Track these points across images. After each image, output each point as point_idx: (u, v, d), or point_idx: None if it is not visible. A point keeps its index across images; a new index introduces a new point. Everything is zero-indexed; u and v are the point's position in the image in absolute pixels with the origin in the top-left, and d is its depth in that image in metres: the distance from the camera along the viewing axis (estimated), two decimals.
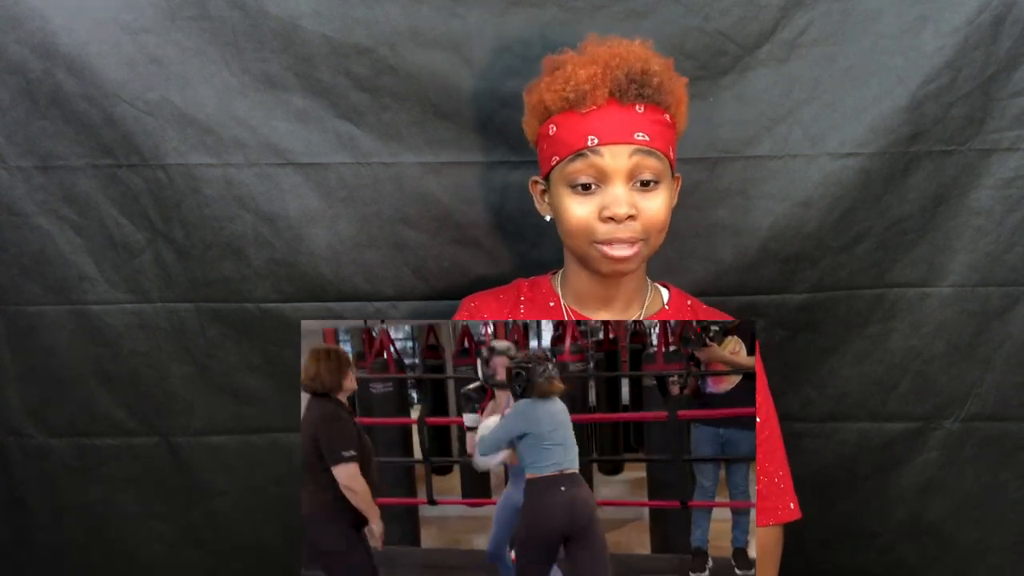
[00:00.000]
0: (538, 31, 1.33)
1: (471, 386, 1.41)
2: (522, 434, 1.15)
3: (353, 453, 1.19)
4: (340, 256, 1.42)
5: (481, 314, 1.20)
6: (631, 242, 1.04)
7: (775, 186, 1.38)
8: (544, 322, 2.34)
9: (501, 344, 1.37)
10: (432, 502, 1.91)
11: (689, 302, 1.23)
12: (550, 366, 1.17)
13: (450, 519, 2.34)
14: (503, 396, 1.34)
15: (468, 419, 1.39)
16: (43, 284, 1.43)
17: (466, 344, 2.36)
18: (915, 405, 1.48)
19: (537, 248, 1.42)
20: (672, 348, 1.84)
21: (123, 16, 1.32)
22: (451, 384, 2.52)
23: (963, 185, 1.39)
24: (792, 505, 1.19)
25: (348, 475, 1.18)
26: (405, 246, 1.43)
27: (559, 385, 1.17)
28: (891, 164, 1.37)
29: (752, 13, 1.33)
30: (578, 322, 1.58)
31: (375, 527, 1.21)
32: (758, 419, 1.20)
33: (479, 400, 1.39)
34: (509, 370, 1.17)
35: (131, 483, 1.52)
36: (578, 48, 1.07)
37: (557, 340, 2.30)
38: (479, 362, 1.39)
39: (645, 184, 1.03)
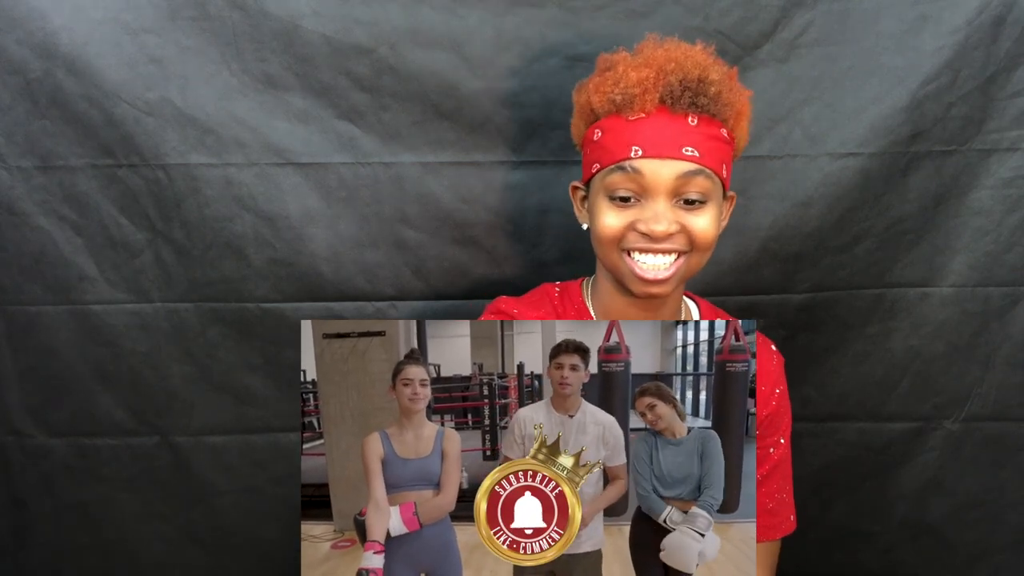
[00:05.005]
0: (538, 31, 1.33)
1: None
2: None
3: None
4: (340, 256, 1.42)
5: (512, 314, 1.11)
6: (669, 253, 0.96)
7: (775, 186, 1.38)
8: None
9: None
10: None
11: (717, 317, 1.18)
12: None
13: None
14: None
15: None
16: (43, 284, 1.43)
17: None
18: (915, 405, 1.48)
19: (537, 248, 1.42)
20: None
21: (123, 16, 1.32)
22: None
23: (963, 185, 1.39)
24: (792, 517, 1.19)
25: None
26: (405, 246, 1.42)
27: None
28: (891, 164, 1.37)
29: (752, 13, 1.33)
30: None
31: None
32: (783, 440, 1.18)
33: None
34: None
35: (131, 483, 1.52)
36: (634, 49, 1.00)
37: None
38: None
39: (690, 203, 0.95)
